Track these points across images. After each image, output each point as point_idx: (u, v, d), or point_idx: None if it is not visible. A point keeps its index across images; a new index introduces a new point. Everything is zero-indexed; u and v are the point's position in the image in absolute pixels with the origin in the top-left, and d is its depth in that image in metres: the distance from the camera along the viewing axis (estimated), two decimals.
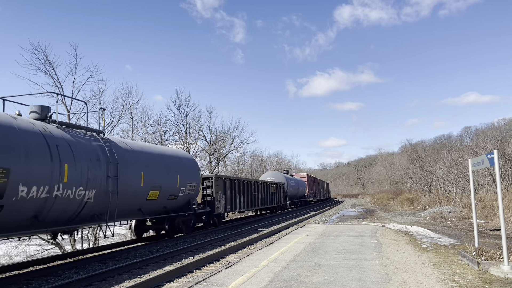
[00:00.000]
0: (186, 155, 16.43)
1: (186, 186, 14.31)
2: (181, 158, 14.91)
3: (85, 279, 7.84)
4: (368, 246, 11.32)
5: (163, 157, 13.47)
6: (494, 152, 8.05)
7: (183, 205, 14.72)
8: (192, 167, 15.44)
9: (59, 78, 23.19)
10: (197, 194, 15.66)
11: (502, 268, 7.36)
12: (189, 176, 14.68)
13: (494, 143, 30.11)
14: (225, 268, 8.44)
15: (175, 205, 14.13)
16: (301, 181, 43.03)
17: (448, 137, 78.46)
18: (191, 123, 37.04)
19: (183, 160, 15.06)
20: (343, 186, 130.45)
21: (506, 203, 17.88)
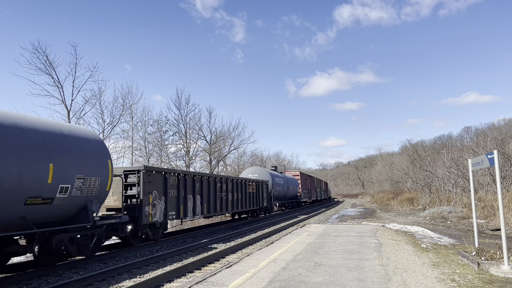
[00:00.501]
0: (81, 132, 10.16)
1: (74, 183, 9.02)
2: (67, 137, 9.25)
3: (85, 279, 7.84)
4: (368, 246, 11.32)
5: (20, 131, 8.02)
6: (494, 152, 8.05)
7: (70, 213, 9.34)
8: (93, 151, 9.89)
9: (59, 78, 23.22)
10: (103, 194, 10.26)
11: (502, 268, 7.36)
12: (85, 165, 9.41)
13: (494, 143, 30.11)
14: (225, 268, 8.44)
15: (48, 214, 8.73)
16: (293, 179, 37.58)
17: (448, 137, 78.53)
18: (191, 123, 37.12)
19: (74, 139, 9.45)
20: (343, 186, 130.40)
21: (506, 203, 17.87)
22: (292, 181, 36.65)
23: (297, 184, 38.38)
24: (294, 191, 37.58)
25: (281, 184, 32.59)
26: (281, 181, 32.88)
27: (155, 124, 34.08)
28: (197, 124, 38.04)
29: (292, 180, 37.19)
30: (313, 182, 50.00)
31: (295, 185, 37.70)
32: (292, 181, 36.76)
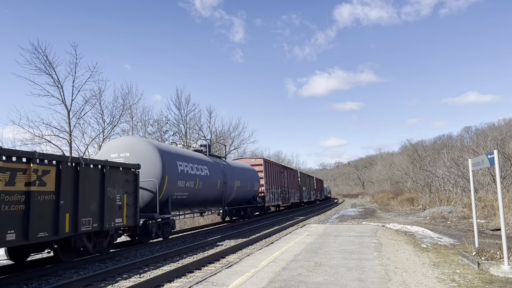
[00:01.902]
0: None
1: None
2: None
3: (85, 279, 7.84)
4: (368, 246, 11.31)
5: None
6: (494, 152, 8.04)
7: None
8: None
9: (59, 78, 23.21)
10: None
11: (502, 268, 7.36)
12: None
13: (494, 143, 30.11)
14: (225, 268, 8.44)
15: None
16: (247, 170, 23.64)
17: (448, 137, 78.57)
18: (191, 123, 36.96)
19: None
20: (343, 186, 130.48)
21: (506, 203, 17.87)
22: (243, 173, 22.45)
23: (255, 178, 24.25)
24: (248, 190, 23.01)
25: (203, 177, 17.13)
26: (203, 171, 17.20)
27: (155, 124, 34.03)
28: (197, 124, 37.87)
29: (245, 171, 23.05)
30: (293, 178, 36.20)
31: (252, 181, 23.53)
32: (244, 174, 22.61)
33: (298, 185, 38.89)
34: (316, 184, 53.44)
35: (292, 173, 36.56)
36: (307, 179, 45.25)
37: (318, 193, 55.14)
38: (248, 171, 23.65)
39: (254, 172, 24.56)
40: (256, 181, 24.37)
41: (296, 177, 38.12)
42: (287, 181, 33.55)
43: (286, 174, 33.68)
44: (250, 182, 23.25)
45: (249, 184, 22.99)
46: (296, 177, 38.31)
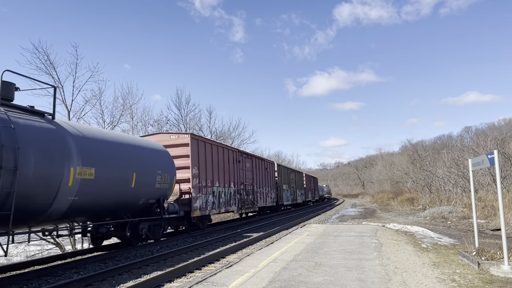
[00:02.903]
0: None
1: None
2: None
3: (85, 279, 7.83)
4: (368, 246, 11.31)
5: None
6: (494, 152, 8.04)
7: None
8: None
9: (59, 78, 23.17)
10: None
11: (502, 268, 7.36)
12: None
13: (494, 143, 30.12)
14: (225, 268, 8.44)
15: None
16: (120, 144, 11.28)
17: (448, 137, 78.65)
18: (191, 123, 36.85)
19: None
20: (343, 186, 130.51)
21: (507, 203, 17.87)
22: (116, 154, 10.84)
23: (164, 166, 13.24)
24: (136, 188, 11.54)
25: None
26: None
27: (155, 124, 33.98)
28: (197, 124, 37.70)
29: (123, 150, 11.29)
30: (264, 171, 26.22)
31: (152, 170, 12.51)
32: (122, 155, 11.09)
33: (275, 182, 29.23)
34: (307, 182, 45.33)
35: (263, 165, 26.11)
36: (290, 175, 35.61)
37: (310, 193, 47.50)
38: (141, 152, 12.15)
39: (162, 154, 13.40)
40: (166, 171, 13.14)
41: (270, 171, 27.94)
42: (253, 176, 23.62)
43: (250, 165, 23.24)
44: (145, 171, 11.96)
45: (137, 175, 11.42)
46: (271, 171, 28.21)
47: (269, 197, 27.43)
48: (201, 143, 16.84)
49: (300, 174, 42.74)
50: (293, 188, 36.66)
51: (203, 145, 16.94)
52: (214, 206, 17.49)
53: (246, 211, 22.79)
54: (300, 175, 42.06)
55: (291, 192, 35.50)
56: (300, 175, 41.82)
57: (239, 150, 22.36)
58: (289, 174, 35.57)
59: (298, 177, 39.96)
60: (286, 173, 34.21)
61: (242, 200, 21.03)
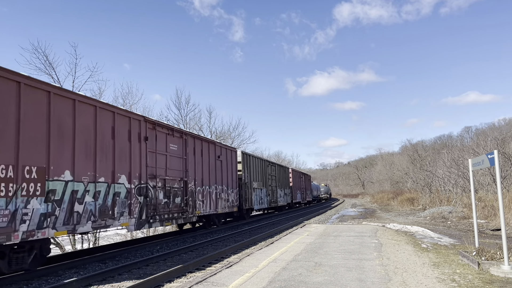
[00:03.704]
0: None
1: None
2: None
3: (85, 279, 7.84)
4: (368, 246, 11.31)
5: None
6: (494, 152, 8.04)
7: None
8: None
9: (59, 78, 23.14)
10: None
11: (502, 268, 7.36)
12: None
13: (494, 143, 30.12)
14: (225, 268, 8.44)
15: None
16: None
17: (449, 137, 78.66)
18: (191, 123, 36.80)
19: None
20: (343, 186, 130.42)
21: (507, 203, 17.86)
22: None
23: None
24: None
25: None
26: None
27: None
28: (197, 124, 37.59)
29: None
30: (212, 161, 17.43)
31: None
32: None
33: (237, 178, 20.81)
34: (295, 180, 37.46)
35: (212, 151, 17.38)
36: (267, 170, 27.16)
37: (299, 193, 39.86)
38: None
39: None
40: None
41: (229, 162, 19.45)
42: (188, 166, 14.84)
43: (182, 149, 14.48)
44: None
45: None
46: (231, 162, 19.75)
47: (224, 200, 18.64)
48: None
49: (284, 169, 34.61)
50: (272, 187, 28.58)
51: None
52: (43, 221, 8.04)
53: (163, 225, 13.08)
54: (284, 171, 34.24)
55: (268, 192, 27.26)
56: (283, 170, 33.83)
57: (148, 118, 12.36)
58: (265, 168, 26.73)
59: (280, 173, 31.99)
60: (259, 167, 25.20)
61: (151, 206, 12.12)
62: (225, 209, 18.75)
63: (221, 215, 19.56)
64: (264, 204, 26.28)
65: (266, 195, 26.80)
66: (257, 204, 24.33)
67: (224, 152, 19.00)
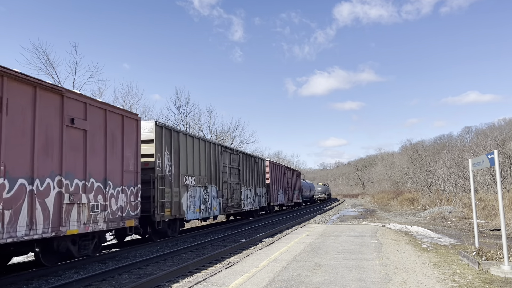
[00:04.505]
0: None
1: None
2: None
3: (85, 279, 7.84)
4: (368, 246, 11.31)
5: None
6: (494, 152, 8.04)
7: None
8: None
9: (59, 78, 23.17)
10: None
11: (502, 268, 7.36)
12: None
13: (494, 143, 30.13)
14: (225, 268, 8.44)
15: None
16: None
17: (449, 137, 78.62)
18: (191, 123, 36.72)
19: None
20: (343, 186, 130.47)
21: (507, 203, 17.87)
22: None
23: None
24: None
25: None
26: None
27: None
28: (197, 124, 37.41)
29: None
30: (99, 135, 9.85)
31: None
32: None
33: (135, 165, 11.75)
34: (275, 176, 29.84)
35: (101, 118, 10.07)
36: (223, 158, 19.71)
37: (281, 193, 31.97)
38: None
39: None
40: None
41: (126, 139, 11.20)
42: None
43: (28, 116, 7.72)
44: None
45: None
46: (128, 139, 11.40)
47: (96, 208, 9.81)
48: None
49: (256, 161, 25.53)
50: (231, 185, 20.67)
51: None
52: None
53: None
54: (256, 164, 25.44)
55: (223, 192, 19.32)
56: (255, 162, 25.03)
57: None
58: (216, 156, 18.75)
59: (248, 165, 23.68)
60: (203, 153, 17.30)
61: None
62: (107, 224, 10.15)
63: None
64: (212, 210, 17.73)
65: (216, 196, 18.29)
66: (192, 211, 15.84)
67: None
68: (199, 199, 16.45)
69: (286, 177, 34.34)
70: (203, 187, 16.82)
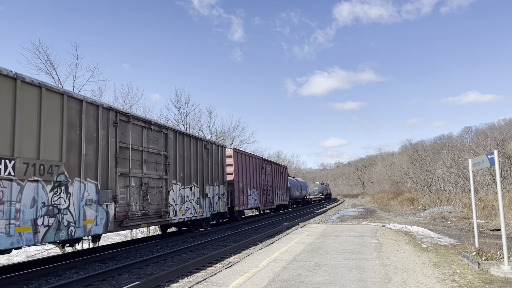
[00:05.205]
0: None
1: None
2: None
3: (85, 279, 7.84)
4: (369, 246, 11.31)
5: None
6: (494, 152, 8.04)
7: None
8: None
9: (60, 78, 23.17)
10: None
11: (502, 268, 7.36)
12: None
13: (494, 143, 30.13)
14: (225, 268, 8.44)
15: None
16: None
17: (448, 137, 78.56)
18: (191, 123, 36.71)
19: None
20: (343, 186, 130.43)
21: (507, 203, 17.86)
22: None
23: None
24: None
25: None
26: None
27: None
28: (197, 124, 37.40)
29: None
30: None
31: None
32: None
33: None
34: (239, 170, 21.86)
35: None
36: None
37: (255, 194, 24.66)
38: None
39: None
40: None
41: None
42: None
43: None
44: None
45: None
46: None
47: None
48: None
49: (208, 146, 17.40)
50: (151, 179, 12.65)
51: None
52: None
53: None
54: (206, 149, 17.20)
55: (135, 191, 11.69)
56: (203, 147, 16.89)
57: None
58: (109, 128, 10.59)
59: (190, 150, 15.62)
60: (69, 117, 9.05)
61: None
62: None
63: None
64: (80, 227, 9.14)
65: (97, 200, 9.82)
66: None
67: None
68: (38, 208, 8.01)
69: (263, 172, 27.20)
70: (49, 183, 8.31)
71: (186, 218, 14.86)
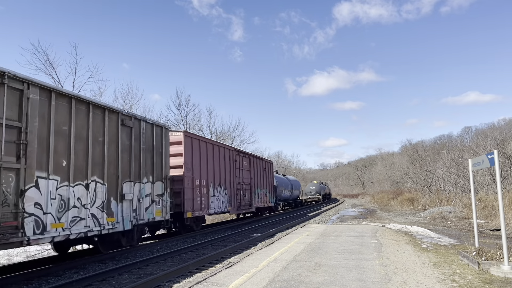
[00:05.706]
0: None
1: None
2: None
3: (85, 279, 7.85)
4: (368, 246, 11.32)
5: None
6: (494, 152, 8.04)
7: None
8: None
9: (59, 78, 23.17)
10: None
11: (502, 268, 7.36)
12: None
13: (494, 143, 30.15)
14: (225, 268, 8.44)
15: None
16: None
17: (448, 137, 78.66)
18: (191, 123, 36.73)
19: None
20: (343, 186, 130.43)
21: (507, 203, 17.87)
22: None
23: None
24: None
25: None
26: None
27: None
28: (197, 124, 37.35)
29: None
30: None
31: None
32: None
33: None
34: (192, 161, 16.01)
35: None
36: None
37: (224, 195, 19.36)
38: None
39: None
40: None
41: None
42: None
43: None
44: None
45: None
46: None
47: None
48: None
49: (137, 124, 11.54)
50: None
51: None
52: None
53: None
54: (127, 127, 11.06)
55: None
56: (121, 124, 10.72)
57: None
58: None
59: (92, 127, 9.64)
60: None
61: None
62: None
63: None
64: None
65: None
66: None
67: None
68: None
69: (236, 166, 21.47)
70: None
71: (73, 235, 8.96)
